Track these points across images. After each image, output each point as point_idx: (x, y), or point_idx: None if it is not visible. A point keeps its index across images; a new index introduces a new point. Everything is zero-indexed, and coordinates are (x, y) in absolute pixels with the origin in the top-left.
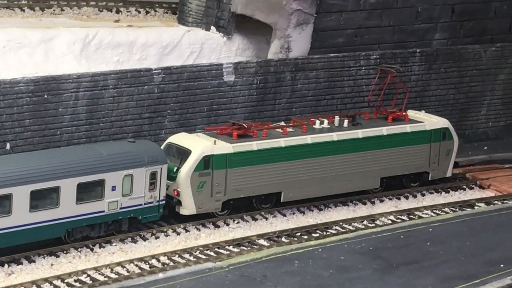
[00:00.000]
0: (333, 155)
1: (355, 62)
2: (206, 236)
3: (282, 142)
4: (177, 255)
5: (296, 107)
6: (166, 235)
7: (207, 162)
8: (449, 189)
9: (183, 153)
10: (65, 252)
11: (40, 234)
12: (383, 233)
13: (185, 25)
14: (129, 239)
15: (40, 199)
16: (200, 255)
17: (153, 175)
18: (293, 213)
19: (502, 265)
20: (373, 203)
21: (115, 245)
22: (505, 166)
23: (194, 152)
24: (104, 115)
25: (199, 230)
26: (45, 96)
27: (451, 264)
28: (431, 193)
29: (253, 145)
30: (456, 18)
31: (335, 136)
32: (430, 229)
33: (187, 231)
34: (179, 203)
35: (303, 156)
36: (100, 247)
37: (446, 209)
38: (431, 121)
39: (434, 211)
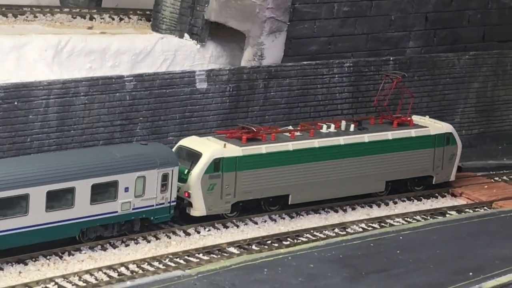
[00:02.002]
0: (340, 159)
1: (329, 70)
2: (177, 244)
3: (290, 146)
4: (146, 263)
5: (269, 115)
6: (136, 243)
7: (217, 165)
8: (421, 197)
9: (193, 156)
10: (33, 259)
11: (55, 234)
12: (353, 241)
13: (159, 32)
14: (99, 246)
15: (55, 200)
16: (169, 263)
17: (164, 177)
18: (265, 221)
19: (471, 273)
20: (345, 211)
21: (85, 253)
22: (478, 174)
23: (205, 155)
24: (75, 122)
25: (170, 238)
26: (15, 103)
27: (420, 273)
28: (403, 201)
29: (262, 148)
30: (430, 27)
31: (341, 140)
32: (401, 237)
33: (157, 238)
34: (190, 204)
35: (311, 160)
36: (69, 255)
37: (418, 217)
38: (435, 126)
39: (406, 219)
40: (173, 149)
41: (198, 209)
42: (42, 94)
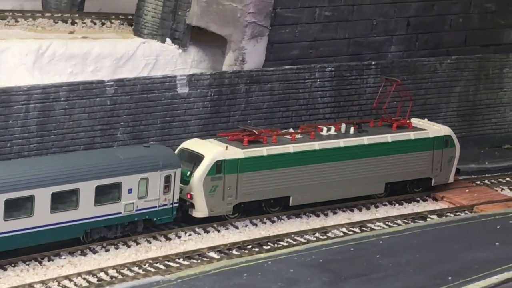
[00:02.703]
0: (340, 161)
1: (310, 74)
2: (157, 248)
3: (291, 148)
4: (126, 268)
5: (251, 119)
6: (116, 248)
7: (219, 167)
8: (402, 201)
9: (196, 158)
10: (13, 265)
11: (60, 234)
12: (333, 245)
13: (141, 36)
14: (79, 251)
15: (60, 201)
16: (149, 268)
17: (167, 179)
18: (246, 225)
19: (450, 278)
20: (326, 215)
21: (64, 258)
22: (459, 178)
23: (207, 157)
24: (56, 127)
25: (150, 243)
26: None
27: (400, 277)
28: (385, 205)
29: (263, 150)
30: (412, 31)
31: (341, 142)
32: (381, 242)
33: (138, 243)
34: (192, 206)
35: (311, 162)
36: (49, 260)
37: (399, 221)
38: (434, 129)
39: (386, 223)
40: (176, 151)
41: (200, 210)
42: (22, 99)
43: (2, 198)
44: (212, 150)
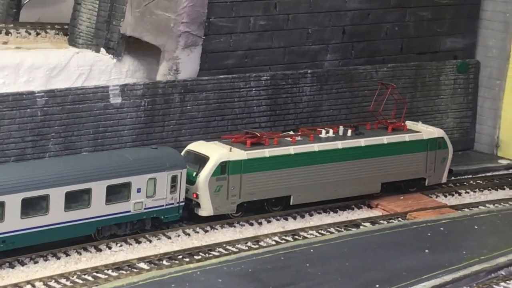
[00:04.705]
0: (338, 162)
1: (246, 83)
2: (87, 260)
3: (291, 150)
4: (53, 280)
5: (186, 129)
6: (46, 260)
7: (223, 168)
8: (337, 209)
9: (201, 160)
10: None
11: (73, 232)
12: (264, 254)
13: (76, 46)
14: (7, 264)
15: (73, 200)
16: (77, 280)
17: (174, 179)
18: (178, 235)
19: (377, 286)
20: (260, 223)
21: None
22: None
23: (212, 158)
24: None
25: (80, 254)
26: None
27: (328, 286)
28: (319, 213)
29: (265, 152)
30: (347, 39)
31: (339, 144)
32: (312, 250)
33: (67, 255)
34: (198, 205)
35: (311, 163)
36: None
37: (331, 229)
38: (428, 131)
39: (319, 231)
40: (182, 153)
41: (206, 209)
42: None
43: (19, 197)
44: (216, 152)
